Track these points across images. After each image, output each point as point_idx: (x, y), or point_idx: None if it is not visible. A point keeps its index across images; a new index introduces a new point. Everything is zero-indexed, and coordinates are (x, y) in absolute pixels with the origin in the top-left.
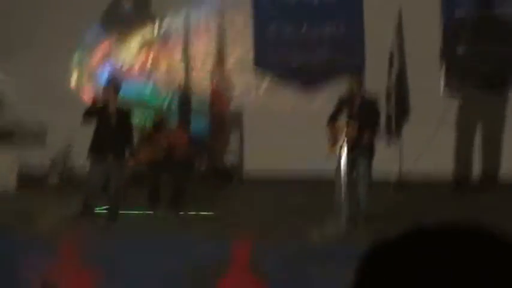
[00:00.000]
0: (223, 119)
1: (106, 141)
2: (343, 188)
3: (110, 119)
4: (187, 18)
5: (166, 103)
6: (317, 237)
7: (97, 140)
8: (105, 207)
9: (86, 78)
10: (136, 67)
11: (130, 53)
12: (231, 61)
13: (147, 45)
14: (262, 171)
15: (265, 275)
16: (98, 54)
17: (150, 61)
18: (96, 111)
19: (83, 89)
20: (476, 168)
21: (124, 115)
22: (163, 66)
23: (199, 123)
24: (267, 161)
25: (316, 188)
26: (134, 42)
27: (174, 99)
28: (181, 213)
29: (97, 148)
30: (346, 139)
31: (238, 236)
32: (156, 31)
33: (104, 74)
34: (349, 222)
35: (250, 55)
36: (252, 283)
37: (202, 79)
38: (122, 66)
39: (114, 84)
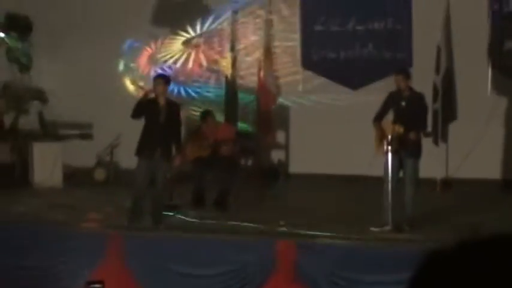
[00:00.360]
0: (269, 115)
1: (155, 136)
2: (390, 189)
3: (159, 112)
4: (235, 12)
5: (213, 98)
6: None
7: (146, 135)
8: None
9: (133, 78)
10: (183, 64)
11: (176, 52)
12: (278, 56)
13: (191, 43)
14: (308, 169)
15: (310, 277)
16: (144, 56)
17: (196, 57)
18: (147, 105)
19: (130, 87)
20: None
21: (173, 109)
22: (210, 61)
23: (245, 119)
24: (313, 159)
25: (363, 187)
26: (179, 42)
27: (221, 94)
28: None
29: (145, 144)
30: (393, 138)
31: (283, 237)
32: (202, 26)
33: (152, 73)
34: (395, 227)
35: (298, 51)
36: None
37: (249, 74)
38: (169, 65)
39: (163, 76)
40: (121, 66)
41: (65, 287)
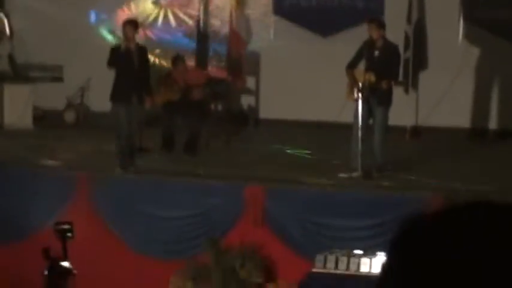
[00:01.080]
0: (240, 61)
1: (129, 81)
2: (360, 136)
3: (131, 57)
4: None
5: (185, 43)
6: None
7: (120, 80)
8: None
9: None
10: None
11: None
12: (249, 2)
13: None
14: (278, 115)
15: (278, 222)
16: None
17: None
18: (119, 52)
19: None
20: (494, 118)
21: (143, 53)
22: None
23: (216, 64)
24: (283, 105)
25: (333, 133)
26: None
27: (192, 39)
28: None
29: (121, 89)
30: (364, 86)
31: (252, 182)
32: None
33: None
34: (364, 173)
35: None
36: (264, 231)
37: (221, 20)
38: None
39: (132, 21)
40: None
41: (35, 227)
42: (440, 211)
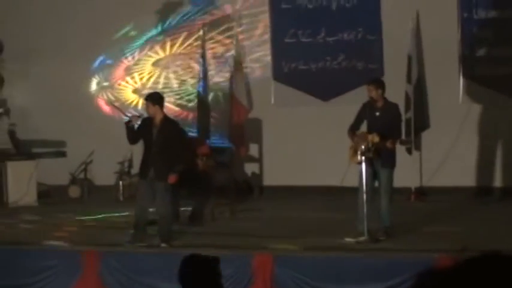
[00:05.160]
0: (242, 128)
1: (149, 155)
2: (365, 199)
3: (152, 131)
4: (205, 26)
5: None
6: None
7: (143, 154)
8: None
9: (109, 98)
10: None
11: (147, 70)
12: (249, 69)
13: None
14: (282, 182)
15: None
16: (120, 68)
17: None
18: (142, 125)
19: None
20: (498, 175)
21: (168, 127)
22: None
23: (218, 134)
24: (287, 172)
25: (338, 198)
26: (149, 61)
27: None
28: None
29: (142, 163)
30: (367, 148)
31: (260, 251)
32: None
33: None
34: (371, 237)
35: (269, 63)
36: None
37: (221, 88)
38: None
39: (150, 97)
40: (93, 84)
41: None
42: (452, 266)
